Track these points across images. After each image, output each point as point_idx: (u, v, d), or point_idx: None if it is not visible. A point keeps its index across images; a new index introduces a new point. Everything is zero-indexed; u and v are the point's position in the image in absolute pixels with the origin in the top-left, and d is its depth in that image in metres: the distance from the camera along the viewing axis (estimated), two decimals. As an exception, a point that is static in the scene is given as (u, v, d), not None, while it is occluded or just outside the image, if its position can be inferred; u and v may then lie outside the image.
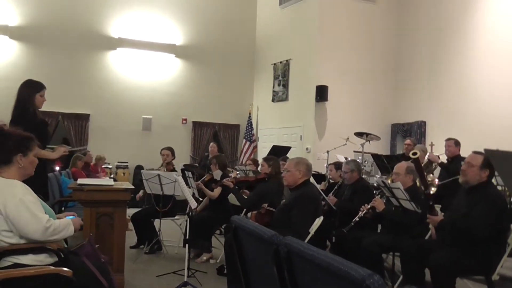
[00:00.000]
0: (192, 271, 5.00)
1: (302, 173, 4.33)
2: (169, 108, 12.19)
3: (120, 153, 11.50)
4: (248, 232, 2.29)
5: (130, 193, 4.37)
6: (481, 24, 8.96)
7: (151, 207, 6.35)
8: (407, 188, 4.41)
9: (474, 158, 3.69)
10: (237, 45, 12.84)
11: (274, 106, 11.88)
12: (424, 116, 10.06)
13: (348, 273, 1.37)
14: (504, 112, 8.22)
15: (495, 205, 3.55)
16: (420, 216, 4.15)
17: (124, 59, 11.88)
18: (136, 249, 6.38)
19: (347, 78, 10.50)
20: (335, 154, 8.47)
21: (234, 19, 12.81)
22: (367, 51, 10.71)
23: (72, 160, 8.43)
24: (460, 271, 3.59)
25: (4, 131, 2.81)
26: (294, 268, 1.84)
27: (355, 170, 5.39)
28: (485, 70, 8.76)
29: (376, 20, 10.81)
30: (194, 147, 12.36)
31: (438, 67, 9.79)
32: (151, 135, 11.98)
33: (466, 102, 9.05)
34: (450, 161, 6.50)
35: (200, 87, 12.50)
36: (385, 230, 4.80)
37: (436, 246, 3.78)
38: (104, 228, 4.15)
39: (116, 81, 11.79)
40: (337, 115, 10.30)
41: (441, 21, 9.78)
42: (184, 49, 12.40)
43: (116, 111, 11.69)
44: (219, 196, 5.96)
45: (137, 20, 11.95)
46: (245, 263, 2.47)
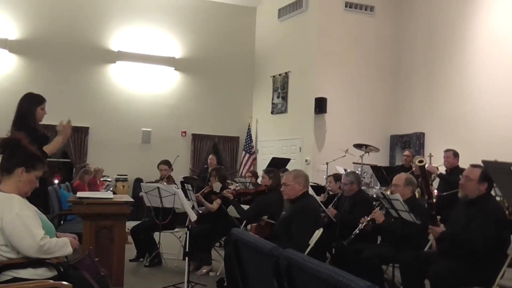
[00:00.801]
0: (192, 284, 4.98)
1: (302, 185, 4.34)
2: (168, 121, 12.23)
3: (119, 166, 11.50)
4: (248, 245, 2.30)
5: (129, 206, 4.37)
6: (478, 35, 9.03)
7: (151, 220, 6.34)
8: (406, 199, 4.42)
9: (472, 171, 3.71)
10: (236, 57, 12.92)
11: (273, 118, 11.92)
12: (423, 128, 10.08)
13: (349, 286, 1.38)
14: (502, 123, 8.24)
15: (494, 217, 3.56)
16: (419, 228, 4.15)
17: (124, 72, 11.94)
18: (136, 262, 6.36)
19: (346, 90, 10.55)
20: (334, 165, 8.49)
21: (233, 32, 12.90)
22: (365, 63, 10.77)
23: (80, 174, 8.45)
24: (460, 283, 3.58)
25: (20, 142, 2.84)
26: (295, 280, 1.85)
27: (355, 182, 5.40)
28: (483, 82, 8.80)
29: (374, 32, 10.90)
30: (193, 159, 12.37)
31: (437, 79, 9.84)
32: (150, 147, 11.99)
33: (465, 114, 9.08)
34: (449, 173, 6.52)
35: (200, 100, 12.55)
36: (385, 241, 4.80)
37: (436, 258, 3.78)
38: (103, 242, 4.15)
39: (115, 94, 11.84)
40: (336, 127, 10.33)
41: (439, 33, 9.86)
42: (183, 62, 12.47)
43: (116, 124, 11.72)
44: (218, 208, 5.96)
45: (137, 34, 12.03)
46: (245, 276, 2.48)
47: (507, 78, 8.31)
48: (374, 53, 10.87)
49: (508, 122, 8.15)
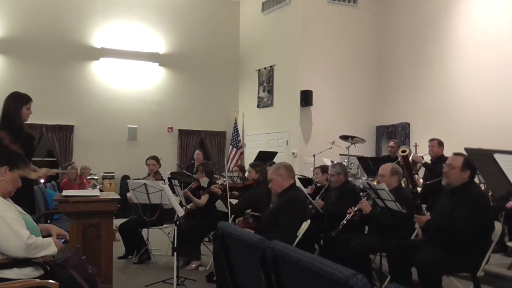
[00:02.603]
0: (182, 279, 4.98)
1: (284, 176, 4.34)
2: (154, 117, 12.16)
3: (106, 163, 11.42)
4: (235, 238, 2.31)
5: (116, 203, 4.36)
6: (461, 26, 9.11)
7: (139, 217, 6.32)
8: (392, 189, 4.46)
9: (455, 159, 3.76)
10: (221, 52, 12.87)
11: (259, 112, 11.92)
12: (408, 118, 10.17)
13: (333, 274, 1.40)
14: (486, 112, 8.36)
15: (478, 204, 3.61)
16: (406, 216, 4.20)
17: (108, 69, 11.83)
18: (125, 259, 6.34)
19: (331, 82, 10.59)
20: (321, 157, 8.52)
21: (217, 26, 12.85)
22: (350, 55, 10.81)
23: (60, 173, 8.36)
24: (446, 269, 3.64)
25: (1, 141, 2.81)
26: (281, 271, 1.86)
27: (341, 173, 5.44)
28: (466, 71, 8.89)
29: (358, 24, 10.93)
30: (181, 155, 12.33)
31: (421, 69, 9.92)
32: (137, 144, 11.92)
33: (449, 103, 9.18)
34: (434, 162, 6.59)
35: (185, 95, 12.50)
36: (372, 231, 4.85)
37: (422, 246, 3.83)
38: (91, 239, 4.13)
39: (100, 91, 11.72)
40: (322, 119, 10.37)
41: (422, 24, 9.93)
42: (167, 58, 12.39)
43: (101, 121, 11.62)
44: (207, 203, 5.96)
45: (120, 30, 11.91)
46: (233, 269, 2.49)
47: (489, 69, 8.41)
48: (358, 45, 10.91)
49: (491, 111, 8.26)
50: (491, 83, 8.36)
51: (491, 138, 7.52)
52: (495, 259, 4.59)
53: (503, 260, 4.67)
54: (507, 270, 4.33)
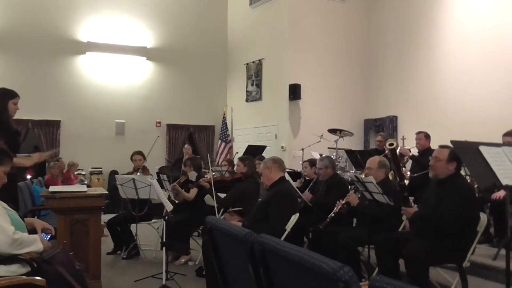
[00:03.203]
0: (171, 274, 4.97)
1: (271, 168, 4.35)
2: (142, 112, 12.08)
3: (93, 159, 11.33)
4: (223, 232, 2.31)
5: (104, 199, 4.33)
6: (448, 21, 9.18)
7: (127, 212, 6.29)
8: (380, 181, 4.49)
9: (441, 152, 3.79)
10: (209, 46, 12.81)
11: (248, 106, 11.91)
12: (396, 111, 10.24)
13: (320, 267, 1.40)
14: (471, 105, 8.45)
15: (464, 196, 3.65)
16: (393, 209, 4.23)
17: (94, 63, 11.71)
18: (113, 255, 6.31)
19: (319, 76, 10.60)
20: (310, 151, 8.55)
21: (204, 20, 12.77)
22: (338, 48, 10.83)
23: (47, 169, 8.28)
24: (433, 261, 3.68)
25: None
26: (269, 264, 1.87)
27: (329, 166, 5.46)
28: (453, 65, 8.98)
29: (346, 18, 10.95)
30: (169, 149, 12.28)
31: (408, 63, 9.98)
32: (125, 139, 11.85)
33: (436, 97, 9.26)
34: (421, 154, 6.63)
35: (173, 90, 12.43)
36: (360, 224, 4.88)
37: (410, 238, 3.87)
38: (78, 235, 4.10)
39: (86, 86, 11.61)
40: (310, 113, 10.40)
41: (409, 18, 9.98)
42: (155, 52, 12.30)
43: (88, 116, 11.52)
44: (195, 197, 5.95)
45: (106, 24, 11.80)
46: (222, 263, 2.49)
47: (475, 63, 8.50)
48: (346, 39, 10.93)
49: (476, 105, 8.36)
50: (477, 77, 8.45)
51: (476, 131, 7.60)
52: (481, 250, 4.65)
53: (488, 251, 4.73)
54: (493, 261, 4.39)
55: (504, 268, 3.00)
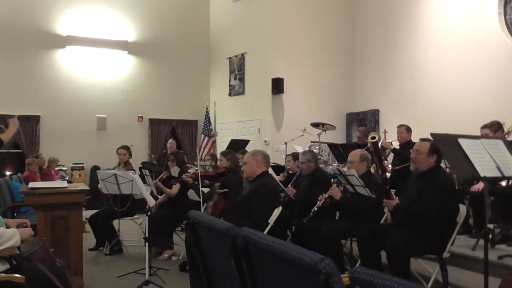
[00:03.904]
0: (154, 269, 4.96)
1: (260, 162, 4.36)
2: (124, 106, 11.97)
3: (74, 154, 11.20)
4: (205, 226, 2.30)
5: (85, 194, 4.28)
6: (429, 17, 9.27)
7: (109, 208, 6.23)
8: (362, 174, 4.53)
9: (422, 145, 3.84)
10: (191, 40, 12.72)
11: (231, 100, 11.88)
12: (378, 105, 10.33)
13: (301, 259, 1.41)
14: (451, 98, 8.57)
15: (444, 188, 3.70)
16: (375, 201, 4.27)
17: (74, 57, 11.54)
18: (96, 251, 6.26)
19: (302, 70, 10.62)
20: (293, 145, 8.57)
21: (187, 13, 12.68)
22: (321, 43, 10.86)
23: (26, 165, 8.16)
24: (413, 252, 3.73)
25: None
26: (252, 258, 1.87)
27: (312, 160, 5.48)
28: (433, 60, 9.08)
29: (329, 13, 10.97)
30: (152, 144, 12.20)
31: (390, 58, 10.07)
32: (106, 134, 11.73)
33: (417, 91, 9.36)
34: (402, 147, 6.70)
35: (155, 84, 12.33)
36: (343, 217, 4.92)
37: (391, 230, 3.91)
38: (59, 232, 4.06)
39: (66, 80, 11.44)
40: (293, 106, 10.42)
41: (391, 14, 10.05)
42: (137, 46, 12.18)
43: (68, 111, 11.37)
44: (178, 192, 5.93)
45: (86, 17, 11.62)
46: (205, 257, 2.49)
47: (455, 58, 8.62)
48: (329, 33, 10.96)
49: (456, 98, 8.48)
50: (457, 71, 8.57)
51: (456, 123, 7.72)
52: (460, 241, 4.73)
53: (467, 242, 4.81)
54: (472, 251, 4.47)
55: (482, 258, 3.05)
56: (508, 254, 4.17)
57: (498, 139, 3.43)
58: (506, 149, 3.28)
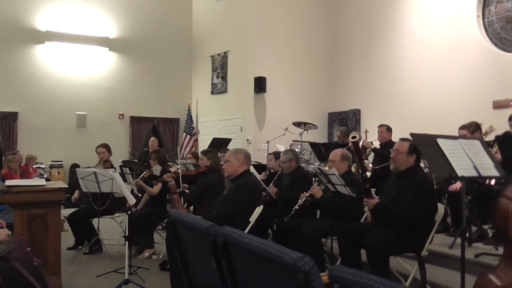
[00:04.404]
0: (134, 268, 4.92)
1: (241, 161, 4.35)
2: (104, 104, 11.83)
3: (53, 152, 11.04)
4: (186, 225, 2.29)
5: (64, 193, 4.23)
6: (409, 18, 9.39)
7: (89, 206, 6.15)
8: (343, 173, 4.56)
9: (401, 145, 3.89)
10: (174, 37, 12.65)
11: (213, 99, 11.85)
12: (359, 105, 10.42)
13: (281, 258, 1.41)
14: (431, 100, 8.70)
15: (423, 188, 3.75)
16: (355, 200, 4.31)
17: (54, 53, 11.37)
18: (75, 250, 6.18)
19: (284, 69, 10.65)
20: (275, 144, 8.59)
21: (169, 10, 12.60)
22: (303, 42, 10.90)
23: (4, 163, 8.00)
24: (393, 250, 3.77)
25: None
26: (232, 257, 1.87)
27: (293, 159, 5.50)
28: (414, 60, 9.20)
29: (311, 12, 11.02)
30: (132, 142, 12.10)
31: (371, 58, 10.16)
32: (86, 132, 11.58)
33: (397, 91, 9.48)
34: (382, 147, 6.77)
35: (137, 81, 12.22)
36: (324, 215, 4.95)
37: (371, 228, 3.95)
38: (37, 230, 3.99)
39: (45, 76, 11.26)
40: (276, 106, 10.44)
41: (373, 14, 10.15)
42: (118, 42, 12.05)
43: (47, 108, 11.19)
44: (160, 191, 5.89)
45: (66, 12, 11.46)
46: (185, 256, 2.47)
47: (434, 59, 8.76)
48: (311, 33, 11.01)
49: (435, 99, 8.61)
50: (436, 73, 8.70)
51: (436, 124, 7.84)
52: (438, 239, 4.80)
53: (445, 240, 4.89)
54: (449, 249, 4.54)
55: (459, 256, 3.10)
56: (484, 252, 4.25)
57: (476, 140, 3.50)
58: (483, 150, 3.34)
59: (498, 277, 2.41)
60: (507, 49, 7.84)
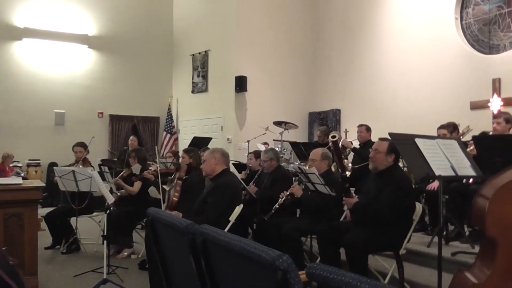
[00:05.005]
0: (113, 268, 4.87)
1: (218, 160, 4.35)
2: (83, 102, 11.67)
3: (31, 150, 10.83)
4: (164, 224, 2.28)
5: (41, 192, 4.15)
6: (388, 20, 9.50)
7: (66, 205, 6.07)
8: (323, 173, 4.59)
9: (380, 144, 3.92)
10: (154, 35, 12.54)
11: (194, 98, 11.79)
12: (339, 105, 10.50)
13: (259, 256, 1.41)
14: (410, 100, 8.81)
15: (401, 187, 3.79)
16: (335, 199, 4.34)
17: (32, 50, 11.16)
18: (52, 249, 6.08)
19: (265, 69, 10.66)
20: (255, 143, 8.60)
21: (150, 8, 12.49)
22: (284, 42, 10.93)
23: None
24: (371, 249, 3.81)
25: None
26: (210, 255, 1.86)
27: (274, 159, 5.52)
28: (393, 61, 9.32)
29: (292, 12, 11.06)
30: (112, 141, 11.96)
31: (351, 59, 10.25)
32: (65, 130, 11.40)
33: (377, 91, 9.58)
34: (362, 146, 6.84)
35: (117, 80, 12.08)
36: (304, 214, 4.97)
37: (350, 227, 3.98)
38: (13, 230, 3.92)
39: (23, 74, 11.04)
40: (256, 105, 10.45)
41: (353, 14, 10.23)
42: (97, 40, 11.89)
43: (25, 105, 10.98)
44: (139, 190, 5.84)
45: (45, 8, 11.25)
46: (164, 255, 2.46)
47: (413, 60, 8.88)
48: (293, 33, 11.05)
49: (415, 99, 8.73)
50: (415, 74, 8.82)
51: (415, 124, 7.97)
52: (416, 238, 4.87)
53: (423, 239, 4.96)
54: (427, 248, 4.61)
55: (437, 254, 3.15)
56: (461, 251, 4.32)
57: (453, 140, 3.55)
58: (460, 150, 3.39)
59: (474, 275, 2.45)
60: (484, 51, 7.99)
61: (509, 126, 4.90)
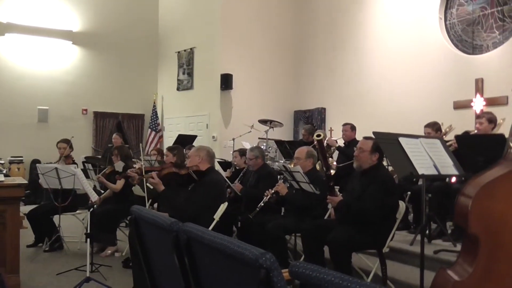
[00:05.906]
0: (96, 265, 4.83)
1: (202, 158, 4.34)
2: (67, 98, 11.53)
3: (13, 147, 10.67)
4: (148, 222, 2.26)
5: (23, 189, 4.11)
6: (373, 19, 9.56)
7: (49, 203, 6.00)
8: (307, 171, 4.61)
9: (365, 143, 3.95)
10: (139, 32, 12.43)
11: (179, 95, 11.74)
12: (324, 103, 10.54)
13: (243, 254, 1.41)
14: (395, 99, 8.89)
15: (385, 185, 3.83)
16: (319, 198, 4.36)
17: (14, 45, 10.98)
18: (34, 247, 6.01)
19: (251, 67, 10.66)
20: (240, 141, 8.59)
21: (135, 4, 12.37)
22: (270, 40, 10.94)
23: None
24: (355, 247, 3.84)
25: None
26: (194, 253, 1.86)
27: (259, 157, 5.53)
28: (379, 59, 9.38)
29: (277, 10, 11.07)
30: (96, 138, 11.84)
31: (336, 57, 10.29)
32: (48, 127, 11.25)
33: (362, 90, 9.64)
34: (347, 145, 6.89)
35: (101, 76, 11.96)
36: (288, 213, 4.99)
37: (334, 225, 4.01)
38: (-6, 228, 3.86)
39: (5, 69, 10.87)
40: (242, 103, 10.44)
41: (338, 12, 10.27)
42: (82, 36, 11.75)
43: (7, 102, 10.81)
44: (123, 187, 5.79)
45: (28, 3, 11.08)
46: (148, 253, 2.44)
47: (398, 59, 8.95)
48: (278, 30, 11.06)
49: (399, 98, 8.81)
50: (400, 73, 8.90)
51: (400, 122, 8.03)
52: (400, 236, 4.92)
53: (406, 237, 5.01)
54: (410, 246, 4.66)
55: (419, 252, 3.19)
56: (443, 249, 4.38)
57: (436, 139, 3.59)
58: (443, 149, 3.43)
59: (456, 272, 2.49)
60: (467, 51, 8.10)
61: (491, 125, 4.98)
